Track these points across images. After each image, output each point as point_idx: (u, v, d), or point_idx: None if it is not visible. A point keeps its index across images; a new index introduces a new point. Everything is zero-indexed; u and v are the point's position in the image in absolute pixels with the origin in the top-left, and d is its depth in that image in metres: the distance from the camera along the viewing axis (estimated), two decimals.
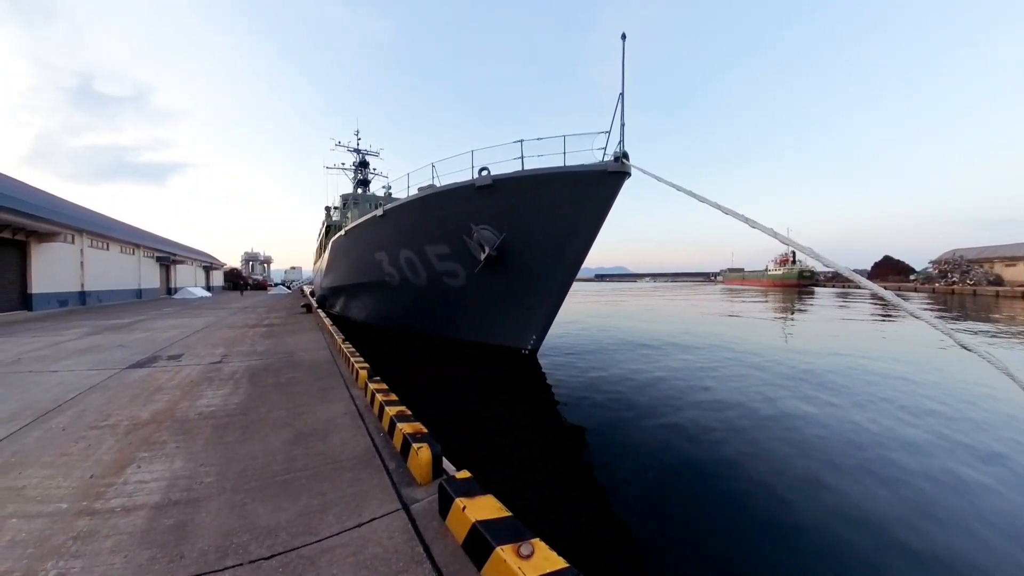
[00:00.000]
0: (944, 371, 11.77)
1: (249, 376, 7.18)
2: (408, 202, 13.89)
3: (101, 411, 5.46)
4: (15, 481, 3.66)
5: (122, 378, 7.28)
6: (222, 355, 9.22)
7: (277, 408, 5.41)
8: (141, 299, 37.34)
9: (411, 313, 17.40)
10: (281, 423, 4.83)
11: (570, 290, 12.89)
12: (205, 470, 3.71)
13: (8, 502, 3.34)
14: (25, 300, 24.29)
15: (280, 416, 5.07)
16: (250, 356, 9.10)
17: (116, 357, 9.24)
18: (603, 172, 10.79)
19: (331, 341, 10.69)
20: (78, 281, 29.09)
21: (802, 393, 9.49)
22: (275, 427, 4.71)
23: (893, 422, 7.73)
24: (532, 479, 5.70)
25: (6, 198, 21.42)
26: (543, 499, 5.11)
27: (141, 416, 5.19)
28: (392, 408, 4.56)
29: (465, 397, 9.81)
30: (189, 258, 52.86)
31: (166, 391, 6.30)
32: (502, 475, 5.57)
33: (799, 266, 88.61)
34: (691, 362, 12.78)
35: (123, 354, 9.63)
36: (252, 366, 8.04)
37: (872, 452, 6.45)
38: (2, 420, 5.19)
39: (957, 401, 9.05)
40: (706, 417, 7.92)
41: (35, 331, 14.63)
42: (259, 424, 4.82)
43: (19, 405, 5.79)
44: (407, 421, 4.18)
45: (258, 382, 6.78)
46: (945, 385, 10.32)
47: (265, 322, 16.17)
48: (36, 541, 2.87)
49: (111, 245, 33.97)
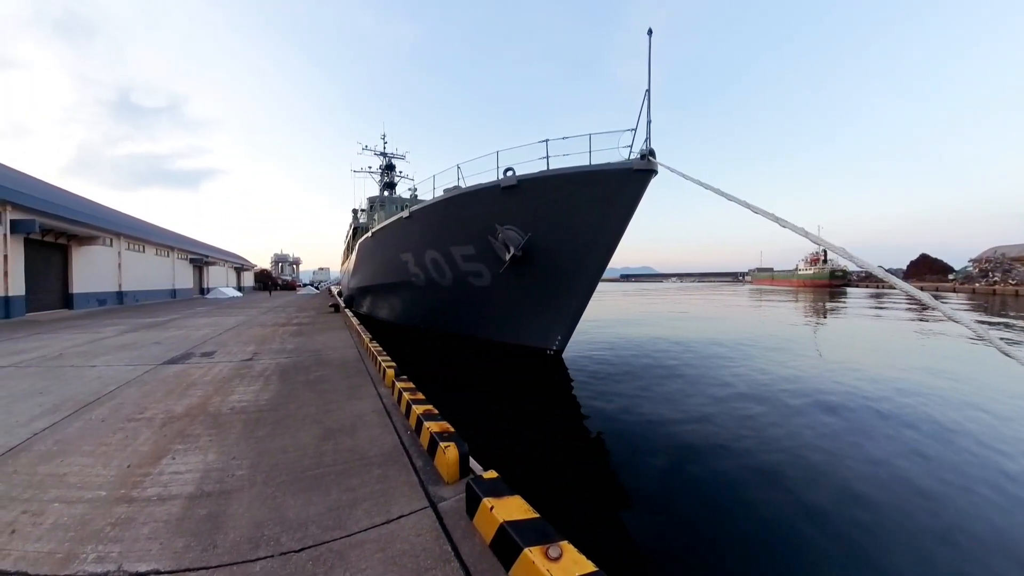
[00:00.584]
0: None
1: (279, 373, 7.31)
2: (434, 203, 13.98)
3: (137, 404, 5.61)
4: (57, 468, 3.78)
5: (157, 373, 7.48)
6: (253, 353, 9.41)
7: (306, 405, 5.48)
8: (175, 299, 38.50)
9: (436, 313, 17.50)
10: (310, 419, 4.88)
11: (593, 291, 12.78)
12: (237, 463, 3.77)
13: (51, 487, 3.45)
14: (66, 300, 25.31)
15: (309, 412, 5.13)
16: (280, 354, 9.26)
17: (152, 353, 9.51)
18: (629, 170, 10.62)
19: (358, 340, 10.80)
20: (116, 282, 30.25)
21: (849, 405, 9.09)
22: (305, 423, 4.76)
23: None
24: (557, 480, 5.64)
25: (48, 204, 22.51)
26: (568, 501, 5.04)
27: (175, 410, 5.32)
28: (419, 407, 4.57)
29: (490, 396, 9.79)
30: (221, 259, 54.30)
31: (199, 387, 6.45)
32: (527, 475, 5.53)
33: (830, 265, 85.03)
34: (722, 363, 12.49)
35: (158, 351, 9.90)
36: (282, 364, 8.17)
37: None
38: (46, 411, 5.39)
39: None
40: (742, 426, 7.65)
41: (76, 328, 15.19)
42: (289, 420, 4.89)
43: (61, 397, 6.01)
44: (434, 420, 4.18)
45: (288, 379, 6.90)
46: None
47: (294, 321, 16.46)
48: (77, 525, 2.95)
49: (147, 248, 35.21)
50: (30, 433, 4.62)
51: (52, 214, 22.58)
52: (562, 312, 12.80)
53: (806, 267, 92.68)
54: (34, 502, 3.25)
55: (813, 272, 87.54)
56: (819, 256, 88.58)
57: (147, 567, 2.55)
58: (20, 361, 8.93)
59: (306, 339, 11.50)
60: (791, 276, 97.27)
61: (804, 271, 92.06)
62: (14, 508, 3.17)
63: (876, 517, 4.74)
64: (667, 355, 13.92)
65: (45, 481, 3.56)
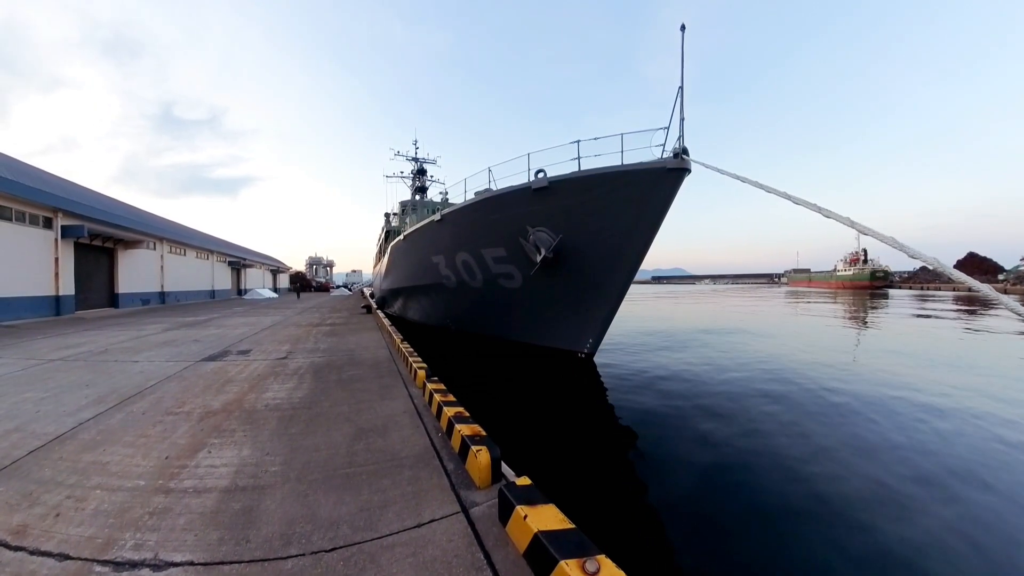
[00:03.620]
0: None
1: (313, 372, 7.39)
2: (465, 206, 14.01)
3: (177, 399, 5.73)
4: (100, 456, 3.88)
5: (196, 369, 7.66)
6: (287, 352, 9.56)
7: (339, 404, 5.50)
8: (214, 299, 39.78)
9: (467, 314, 17.50)
10: (343, 418, 4.88)
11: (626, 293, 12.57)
12: (271, 459, 3.78)
13: (94, 475, 3.54)
14: (112, 299, 26.49)
15: (342, 411, 5.14)
16: (313, 353, 9.38)
17: (191, 351, 9.77)
18: (662, 170, 10.36)
19: (390, 341, 10.88)
20: (158, 283, 31.53)
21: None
22: (337, 422, 4.76)
23: None
24: (591, 488, 5.46)
25: (96, 211, 23.78)
26: (603, 511, 4.83)
27: (212, 405, 5.41)
28: (450, 408, 4.52)
29: (520, 399, 9.67)
30: (257, 262, 55.89)
31: (235, 383, 6.56)
32: (560, 482, 5.33)
33: (871, 265, 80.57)
34: (767, 371, 12.02)
35: (197, 348, 10.17)
36: (315, 363, 8.27)
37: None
38: (91, 402, 5.56)
39: None
40: (791, 443, 7.14)
41: (121, 326, 15.80)
42: (322, 418, 4.90)
43: (106, 390, 6.20)
44: (465, 423, 4.11)
45: (321, 378, 6.96)
46: None
47: (328, 322, 16.74)
48: (117, 512, 3.01)
49: (188, 251, 36.59)
50: (76, 423, 4.77)
51: (99, 220, 23.77)
52: (594, 314, 12.61)
53: (845, 267, 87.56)
54: (78, 488, 3.34)
55: (853, 273, 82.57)
56: (859, 256, 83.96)
57: (182, 557, 2.56)
58: (69, 355, 9.30)
59: (339, 339, 11.65)
60: (829, 277, 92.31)
61: (843, 272, 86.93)
62: (59, 492, 3.26)
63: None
64: (705, 361, 13.53)
65: (89, 468, 3.65)
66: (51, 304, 20.67)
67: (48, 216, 20.82)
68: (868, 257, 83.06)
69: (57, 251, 21.10)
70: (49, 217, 20.87)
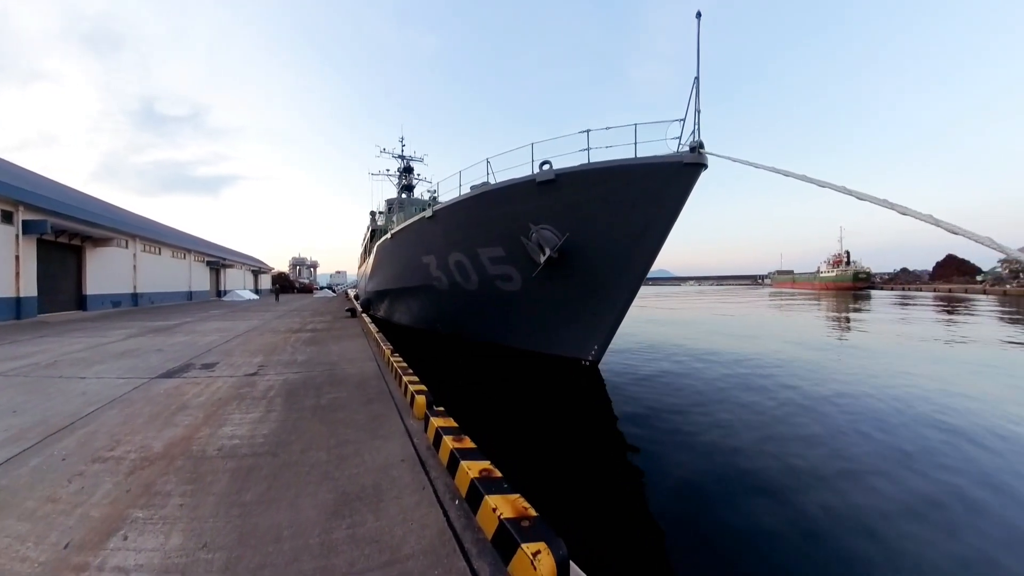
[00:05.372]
0: None
1: (286, 394, 6.18)
2: (460, 201, 12.87)
3: (112, 435, 4.56)
4: None
5: (148, 390, 6.48)
6: (259, 365, 8.36)
7: (315, 445, 4.30)
8: (191, 301, 38.08)
9: (459, 319, 16.43)
10: (319, 472, 3.68)
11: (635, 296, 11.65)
12: (208, 557, 2.54)
13: None
14: (80, 301, 24.87)
15: (318, 460, 3.94)
16: (289, 367, 8.20)
17: (150, 364, 8.57)
18: (679, 164, 9.58)
19: (378, 351, 9.72)
20: (131, 284, 29.82)
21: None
22: (311, 479, 3.56)
23: None
24: (609, 523, 4.55)
25: (62, 206, 22.09)
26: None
27: (153, 447, 4.23)
28: (472, 463, 3.30)
29: (523, 414, 8.78)
30: (238, 262, 54.11)
31: (189, 411, 5.36)
32: (573, 513, 4.63)
33: (854, 267, 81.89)
34: (780, 380, 11.12)
35: (158, 360, 8.97)
36: (290, 380, 7.07)
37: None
38: (7, 440, 4.42)
39: None
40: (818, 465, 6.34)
41: (84, 331, 14.50)
42: (290, 472, 3.70)
43: (33, 419, 5.07)
44: (497, 489, 2.91)
45: (295, 403, 5.76)
46: None
47: (308, 327, 15.50)
48: None
49: (163, 250, 34.85)
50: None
51: (66, 215, 22.14)
52: (600, 319, 11.64)
53: (828, 269, 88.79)
54: None
55: (836, 274, 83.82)
56: (842, 257, 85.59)
57: None
58: (11, 369, 8.14)
59: (320, 348, 10.45)
60: (813, 279, 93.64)
61: (826, 273, 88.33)
62: None
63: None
64: (719, 370, 12.59)
65: None
66: (11, 306, 19.10)
67: (8, 210, 19.20)
68: (851, 259, 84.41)
69: (18, 248, 19.52)
70: (9, 211, 19.25)
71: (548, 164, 10.67)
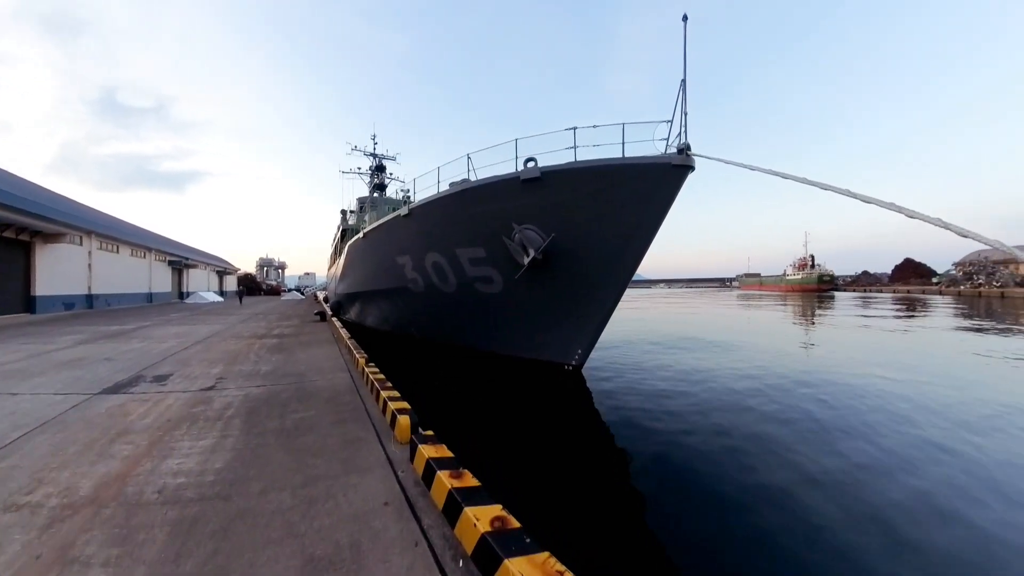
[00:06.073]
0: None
1: (245, 414, 5.43)
2: (439, 199, 12.20)
3: (34, 472, 3.82)
4: None
5: (87, 409, 5.68)
6: (217, 377, 7.57)
7: (277, 483, 3.57)
8: (151, 303, 36.31)
9: (436, 323, 15.77)
10: (281, 525, 2.92)
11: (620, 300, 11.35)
12: None
13: None
14: (28, 303, 23.18)
15: (281, 505, 3.18)
16: (251, 379, 7.44)
17: (96, 375, 7.71)
18: (667, 165, 9.36)
19: (351, 360, 9.02)
20: (85, 284, 28.06)
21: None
22: (270, 535, 2.81)
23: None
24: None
25: (8, 196, 20.32)
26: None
27: (80, 488, 3.51)
28: (479, 510, 2.57)
29: (519, 431, 8.20)
30: (202, 263, 52.07)
31: (131, 437, 4.61)
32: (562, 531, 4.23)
33: (818, 270, 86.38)
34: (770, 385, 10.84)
35: (106, 371, 8.11)
36: (251, 396, 6.32)
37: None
38: None
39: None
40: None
41: (29, 336, 13.40)
42: (245, 524, 2.95)
43: None
44: (518, 546, 2.27)
45: (255, 425, 5.02)
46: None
47: (275, 331, 14.61)
48: None
49: (121, 248, 33.00)
50: None
51: (11, 207, 20.36)
52: (585, 323, 11.27)
53: (794, 272, 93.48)
54: None
55: (801, 277, 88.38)
56: (807, 261, 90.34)
57: None
58: None
59: (286, 357, 9.66)
60: (779, 281, 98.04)
61: (792, 276, 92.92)
62: None
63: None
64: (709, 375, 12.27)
65: None
66: None
67: None
68: (816, 262, 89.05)
69: None
70: None
71: (533, 161, 10.17)
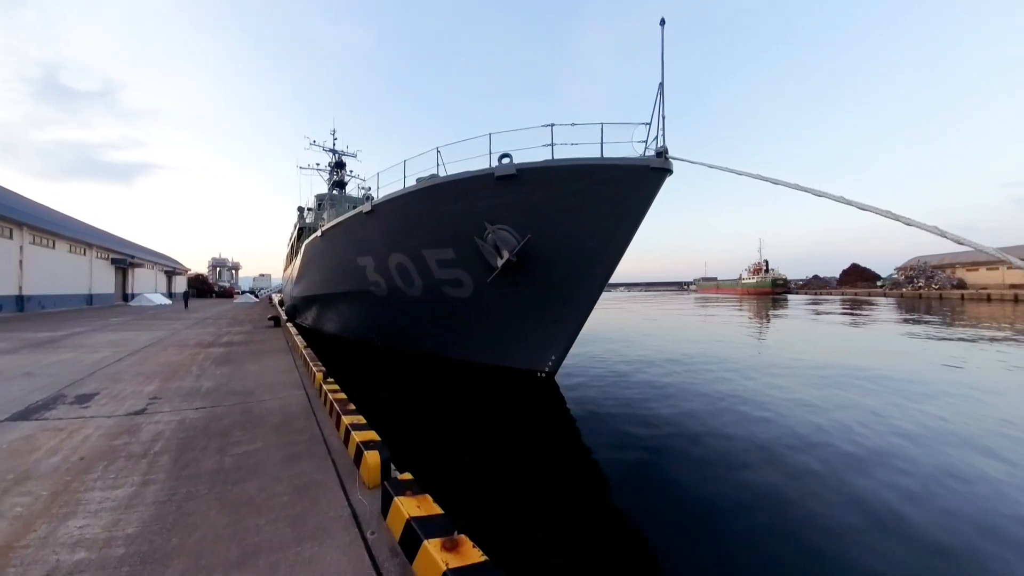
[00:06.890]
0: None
1: (177, 449, 4.55)
2: (405, 194, 11.42)
3: None
4: None
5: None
6: (151, 397, 6.65)
7: (206, 557, 2.69)
8: (92, 305, 33.93)
9: (400, 329, 14.96)
10: None
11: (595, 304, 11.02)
12: None
13: None
14: None
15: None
16: (190, 399, 6.54)
17: (8, 395, 6.72)
18: (646, 167, 9.14)
19: (306, 373, 8.20)
20: (15, 283, 25.76)
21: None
22: None
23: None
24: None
25: None
26: None
27: None
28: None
29: (476, 437, 7.94)
30: (150, 262, 49.33)
31: (29, 485, 3.73)
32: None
33: (772, 274, 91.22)
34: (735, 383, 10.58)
35: (21, 389, 7.08)
36: (188, 422, 5.45)
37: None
38: None
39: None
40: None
41: None
42: None
43: None
44: None
45: (188, 465, 4.15)
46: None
47: (224, 339, 13.53)
48: None
49: (58, 243, 30.61)
50: None
51: None
52: (560, 328, 10.84)
53: (750, 276, 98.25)
54: None
55: (756, 281, 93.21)
56: (761, 266, 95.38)
57: None
58: None
59: (234, 370, 8.74)
60: (735, 285, 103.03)
61: (748, 280, 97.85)
62: None
63: None
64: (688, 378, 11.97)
65: None
66: None
67: None
68: (770, 267, 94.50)
69: None
70: None
71: (508, 157, 9.61)
